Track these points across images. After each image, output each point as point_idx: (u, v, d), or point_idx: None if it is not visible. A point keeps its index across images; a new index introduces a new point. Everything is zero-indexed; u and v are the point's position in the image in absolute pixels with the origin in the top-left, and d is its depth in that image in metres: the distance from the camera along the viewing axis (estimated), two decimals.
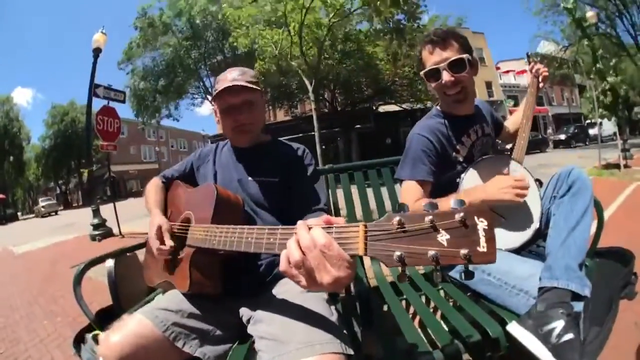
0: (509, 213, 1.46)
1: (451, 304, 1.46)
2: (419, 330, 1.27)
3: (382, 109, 24.79)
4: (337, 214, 2.05)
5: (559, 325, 1.09)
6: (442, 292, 1.55)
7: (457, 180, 1.55)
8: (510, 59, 36.31)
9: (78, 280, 1.51)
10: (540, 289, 1.20)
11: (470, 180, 1.53)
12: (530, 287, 1.25)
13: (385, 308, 1.52)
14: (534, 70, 1.83)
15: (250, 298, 1.21)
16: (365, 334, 1.26)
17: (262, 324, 1.07)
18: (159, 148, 44.64)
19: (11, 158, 35.48)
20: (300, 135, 22.75)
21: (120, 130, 9.21)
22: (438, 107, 1.68)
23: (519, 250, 1.49)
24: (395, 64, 18.39)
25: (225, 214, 1.17)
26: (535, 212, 1.50)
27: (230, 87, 1.32)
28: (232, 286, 1.21)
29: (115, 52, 21.46)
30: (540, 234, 1.51)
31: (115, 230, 8.48)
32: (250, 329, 1.12)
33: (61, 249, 8.53)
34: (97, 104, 8.77)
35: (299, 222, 0.73)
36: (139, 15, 20.41)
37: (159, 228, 1.25)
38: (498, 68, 35.15)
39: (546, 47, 27.31)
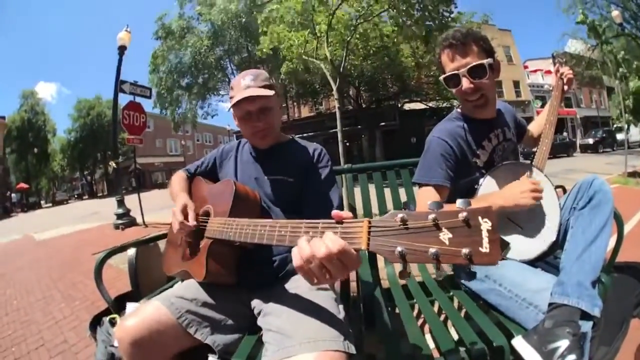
0: (526, 222, 1.44)
1: (462, 311, 1.48)
2: (427, 335, 1.29)
3: (408, 106, 24.69)
4: (354, 214, 2.05)
5: (563, 344, 1.08)
6: (454, 300, 1.56)
7: (476, 186, 1.53)
8: (538, 58, 35.37)
9: (100, 266, 1.59)
10: (550, 304, 1.19)
11: (488, 186, 1.51)
12: (540, 301, 1.24)
13: (397, 310, 1.53)
14: (558, 73, 1.79)
15: (263, 291, 1.27)
16: (370, 335, 1.30)
17: (271, 317, 1.13)
18: (184, 142, 45.47)
19: (35, 150, 36.62)
20: (325, 131, 22.80)
21: (146, 124, 9.44)
22: (459, 110, 1.66)
23: (535, 262, 1.46)
24: (421, 62, 18.24)
25: (243, 208, 1.24)
26: (554, 223, 1.46)
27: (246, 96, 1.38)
28: (246, 278, 1.26)
29: (141, 45, 22.12)
30: (558, 246, 1.47)
31: (139, 220, 8.72)
32: (259, 321, 1.18)
33: (84, 237, 8.80)
34: (124, 99, 9.04)
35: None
36: (158, 27, 21.39)
37: (185, 206, 1.32)
38: (526, 67, 34.32)
39: (574, 46, 26.60)
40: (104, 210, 13.99)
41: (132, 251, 1.78)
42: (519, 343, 1.15)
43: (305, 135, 24.22)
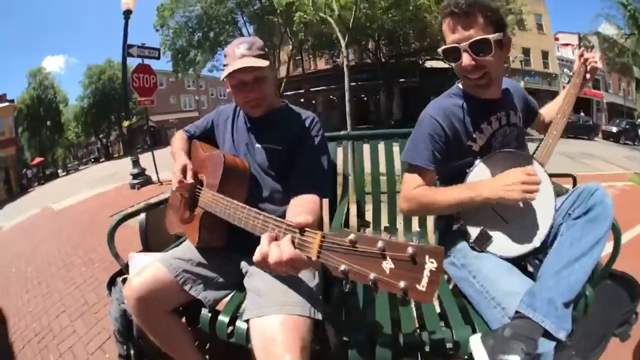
0: (513, 218, 1.38)
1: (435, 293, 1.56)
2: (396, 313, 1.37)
3: (429, 64, 24.06)
4: (346, 180, 2.19)
5: None
6: None
7: (467, 170, 1.44)
8: (570, 32, 33.93)
9: (112, 232, 1.76)
10: (516, 311, 1.16)
11: (478, 174, 1.43)
12: (508, 304, 1.21)
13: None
14: (582, 58, 1.60)
15: (250, 255, 1.44)
16: (340, 306, 1.40)
17: (253, 278, 1.32)
18: (198, 97, 45.58)
19: (48, 123, 37.23)
20: (341, 85, 22.70)
21: (157, 85, 9.66)
22: (460, 85, 1.53)
23: (520, 259, 1.42)
24: None
25: (232, 181, 1.40)
26: (543, 226, 1.36)
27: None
28: (236, 244, 1.42)
29: (148, 7, 21.90)
30: (545, 248, 1.37)
31: (154, 178, 9.17)
32: (245, 281, 1.36)
33: (102, 200, 9.27)
34: (134, 61, 9.27)
35: (270, 242, 0.92)
36: None
37: (185, 166, 1.49)
38: (557, 39, 32.79)
39: (608, 29, 25.30)
40: (120, 171, 14.34)
41: (142, 215, 1.97)
42: (475, 342, 1.18)
43: (320, 88, 24.09)
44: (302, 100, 28.84)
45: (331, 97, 27.54)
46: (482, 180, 1.38)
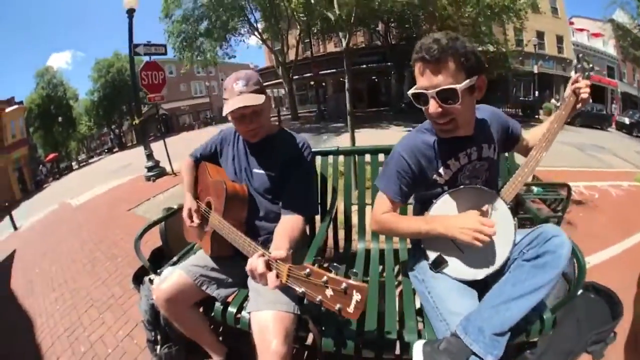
0: (469, 249, 1.46)
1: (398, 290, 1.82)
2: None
3: None
4: (335, 193, 2.47)
5: None
6: (400, 281, 1.92)
7: (434, 200, 1.55)
8: (586, 17, 32.97)
9: (138, 240, 2.04)
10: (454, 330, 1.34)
11: (441, 206, 1.53)
12: (452, 322, 1.37)
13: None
14: (573, 85, 1.53)
15: None
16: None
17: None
18: (209, 83, 45.86)
19: (60, 119, 37.70)
20: (352, 68, 22.62)
21: (166, 80, 9.99)
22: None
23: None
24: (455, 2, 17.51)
25: (234, 205, 1.77)
26: (497, 262, 1.48)
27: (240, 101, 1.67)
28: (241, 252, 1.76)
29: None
30: (503, 273, 1.48)
31: (168, 169, 9.66)
32: (248, 281, 1.76)
33: (118, 194, 9.68)
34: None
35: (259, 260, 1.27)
36: None
37: (190, 210, 1.89)
38: (571, 23, 31.90)
39: (622, 17, 25.09)
40: (134, 162, 14.74)
41: (161, 225, 2.33)
42: (417, 347, 1.40)
43: (330, 71, 24.12)
44: (312, 83, 29.07)
45: (341, 79, 27.55)
46: (440, 217, 1.49)
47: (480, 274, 1.49)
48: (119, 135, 43.15)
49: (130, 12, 9.34)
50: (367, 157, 2.47)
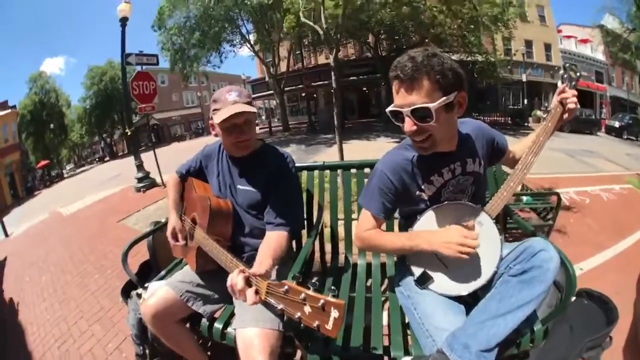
0: (454, 264, 1.46)
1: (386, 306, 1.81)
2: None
3: None
4: (320, 210, 2.46)
5: None
6: (387, 297, 1.89)
7: (418, 216, 1.54)
8: (574, 24, 33.56)
9: (125, 255, 2.05)
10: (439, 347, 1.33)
11: (424, 223, 1.52)
12: (438, 338, 1.36)
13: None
14: (560, 96, 1.50)
15: None
16: None
17: None
18: (200, 93, 45.77)
19: (52, 125, 37.40)
20: (340, 80, 22.71)
21: (157, 91, 9.98)
22: None
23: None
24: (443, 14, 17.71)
25: (218, 221, 1.78)
26: (487, 271, 1.46)
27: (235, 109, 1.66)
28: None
29: (145, 9, 21.99)
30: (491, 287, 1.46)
31: (158, 180, 9.61)
32: (234, 297, 1.76)
33: (108, 205, 9.61)
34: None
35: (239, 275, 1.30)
36: None
37: (174, 229, 1.92)
38: (559, 31, 32.59)
39: (611, 23, 25.68)
40: (124, 172, 14.72)
41: (149, 239, 2.36)
42: None
43: (320, 83, 24.31)
44: (303, 94, 29.25)
45: (332, 91, 27.75)
46: (423, 232, 1.49)
47: (464, 289, 1.48)
48: (110, 145, 42.90)
49: (124, 21, 9.36)
50: (354, 172, 2.49)
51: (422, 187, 1.54)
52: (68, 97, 40.66)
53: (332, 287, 1.05)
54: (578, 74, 1.52)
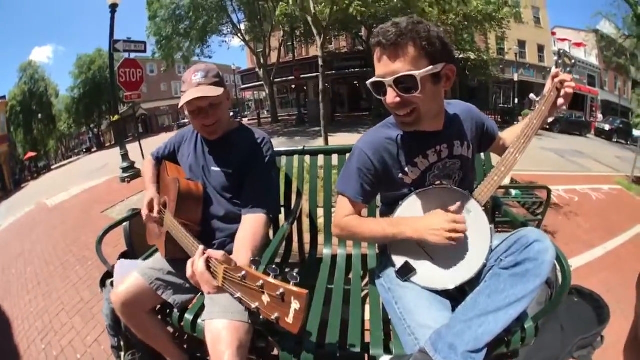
0: (439, 254, 1.37)
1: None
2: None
3: None
4: (299, 196, 2.37)
5: None
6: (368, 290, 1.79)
7: (400, 202, 1.43)
8: (568, 27, 33.73)
9: (99, 242, 2.04)
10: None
11: (407, 208, 1.41)
12: (421, 336, 1.23)
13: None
14: (556, 79, 1.38)
15: None
16: None
17: None
18: None
19: (40, 116, 36.91)
20: (332, 72, 22.64)
21: (144, 79, 9.92)
22: None
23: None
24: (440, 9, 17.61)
25: (186, 204, 1.70)
26: (475, 264, 1.34)
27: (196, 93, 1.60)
28: None
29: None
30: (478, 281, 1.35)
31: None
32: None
33: (93, 195, 9.50)
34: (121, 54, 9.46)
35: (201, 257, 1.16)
36: None
37: (152, 200, 1.82)
38: (554, 33, 32.86)
39: (607, 28, 25.97)
40: (110, 163, 14.53)
41: (126, 224, 2.29)
42: None
43: (310, 75, 24.21)
44: (293, 86, 29.10)
45: (320, 79, 27.64)
46: (407, 219, 1.37)
47: (451, 282, 1.35)
48: (98, 135, 42.47)
49: (113, 7, 9.17)
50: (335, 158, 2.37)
51: (405, 169, 1.42)
52: (56, 87, 40.21)
53: (294, 275, 0.88)
54: (573, 61, 1.43)
